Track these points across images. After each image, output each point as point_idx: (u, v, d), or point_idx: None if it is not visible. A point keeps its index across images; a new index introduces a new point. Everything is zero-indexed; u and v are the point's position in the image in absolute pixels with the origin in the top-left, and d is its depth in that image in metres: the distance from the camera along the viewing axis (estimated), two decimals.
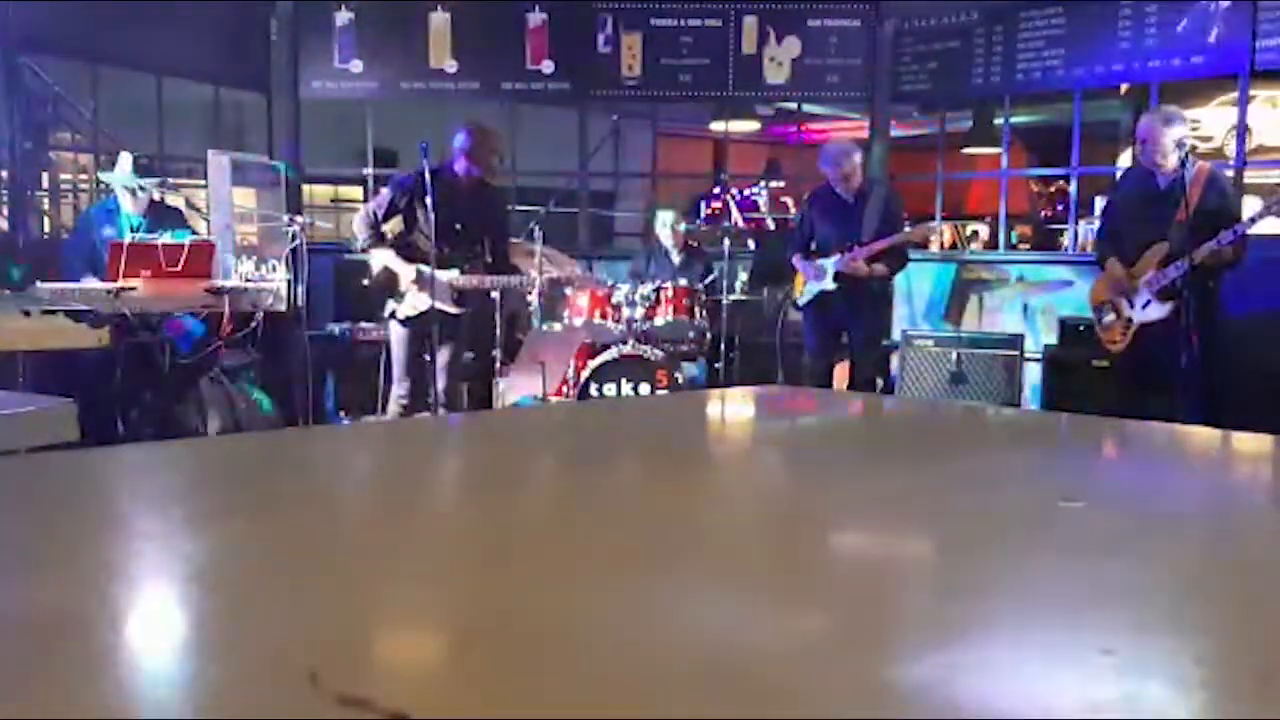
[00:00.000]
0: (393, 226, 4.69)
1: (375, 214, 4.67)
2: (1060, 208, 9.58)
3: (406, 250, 4.62)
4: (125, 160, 4.88)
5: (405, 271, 4.60)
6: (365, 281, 4.85)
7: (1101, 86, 6.27)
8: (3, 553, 0.80)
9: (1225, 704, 0.54)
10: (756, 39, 6.76)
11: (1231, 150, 7.03)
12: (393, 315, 4.67)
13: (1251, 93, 6.94)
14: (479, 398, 5.81)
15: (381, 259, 4.66)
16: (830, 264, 5.07)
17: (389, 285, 4.67)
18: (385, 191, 4.77)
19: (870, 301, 5.18)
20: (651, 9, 6.77)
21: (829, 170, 5.15)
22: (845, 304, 5.10)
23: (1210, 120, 8.15)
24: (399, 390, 4.76)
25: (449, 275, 4.56)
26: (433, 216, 4.41)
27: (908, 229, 5.20)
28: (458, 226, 4.56)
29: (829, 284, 5.07)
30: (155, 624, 0.65)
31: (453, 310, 4.59)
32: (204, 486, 1.05)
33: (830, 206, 5.19)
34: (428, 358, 4.65)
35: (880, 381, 5.68)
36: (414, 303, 4.61)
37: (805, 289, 5.19)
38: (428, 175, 4.45)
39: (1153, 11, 5.80)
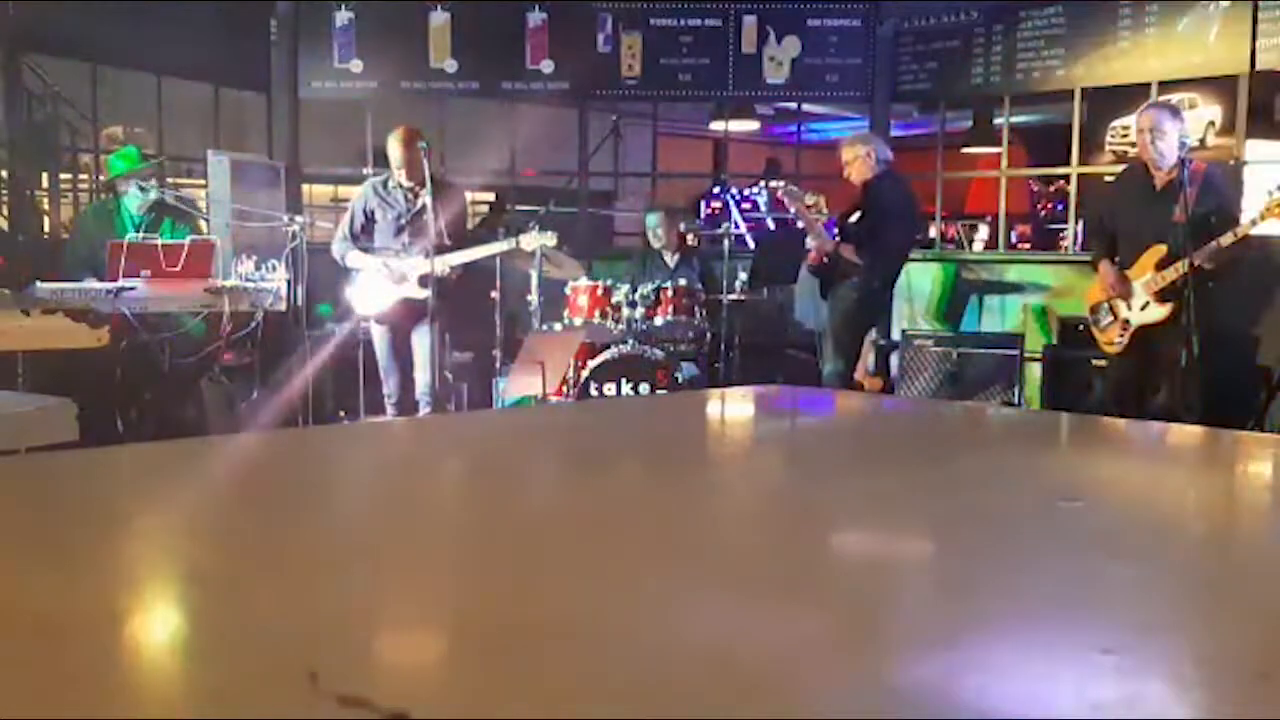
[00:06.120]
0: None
1: (345, 231, 4.97)
2: (1059, 207, 9.56)
3: (375, 250, 4.94)
4: (133, 150, 4.94)
5: (372, 265, 4.85)
6: (347, 289, 5.05)
7: (1101, 86, 6.25)
8: (2, 553, 0.80)
9: (1225, 704, 0.54)
10: (756, 39, 6.76)
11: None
12: (365, 316, 4.93)
13: (1169, 96, 6.94)
14: (479, 398, 5.81)
15: (353, 261, 4.93)
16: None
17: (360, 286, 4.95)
18: (349, 206, 5.11)
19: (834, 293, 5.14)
20: (651, 9, 6.76)
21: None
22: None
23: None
24: (386, 389, 4.97)
25: (410, 262, 4.77)
26: (388, 215, 4.86)
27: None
28: (404, 222, 4.82)
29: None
30: (155, 624, 0.65)
31: (419, 295, 4.73)
32: (204, 486, 1.05)
33: None
34: (413, 347, 4.85)
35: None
36: (379, 298, 4.84)
37: None
38: (377, 182, 4.94)
39: (1153, 11, 5.80)
